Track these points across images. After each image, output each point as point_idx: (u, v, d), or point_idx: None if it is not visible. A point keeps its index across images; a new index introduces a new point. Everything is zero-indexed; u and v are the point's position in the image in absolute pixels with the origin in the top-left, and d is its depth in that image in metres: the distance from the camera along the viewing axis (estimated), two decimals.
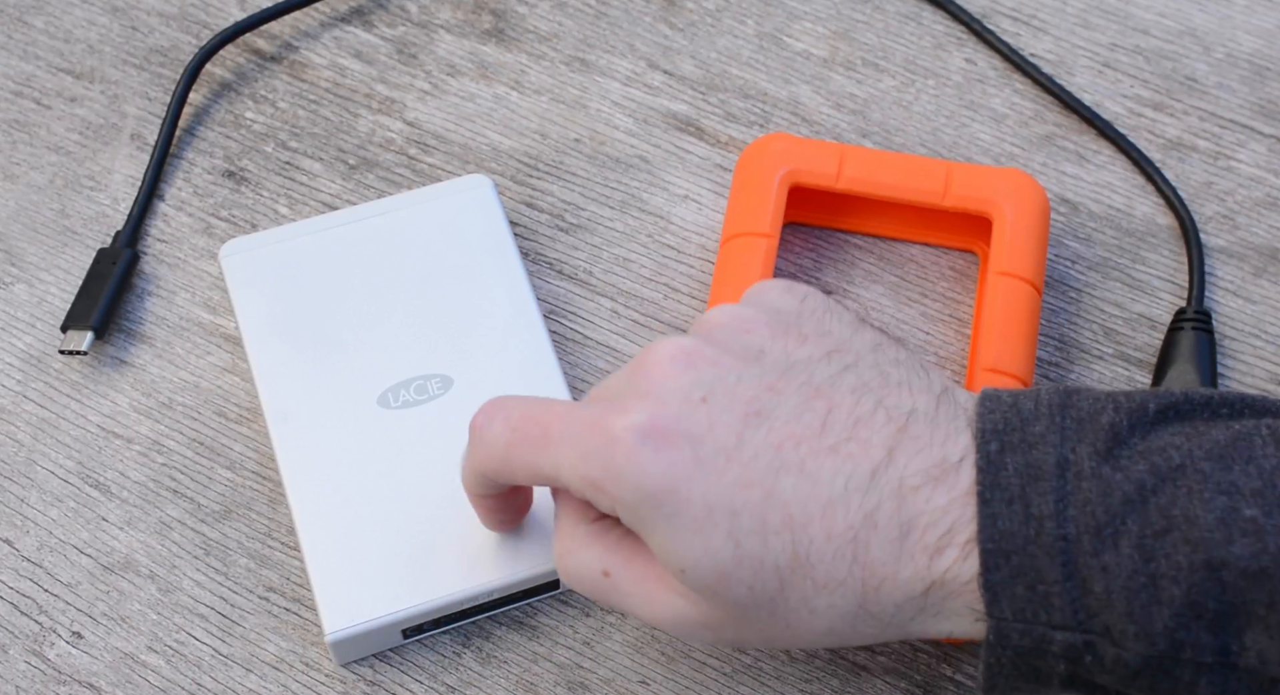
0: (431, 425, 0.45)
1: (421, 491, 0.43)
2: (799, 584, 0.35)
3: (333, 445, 0.44)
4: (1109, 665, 0.33)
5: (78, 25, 0.56)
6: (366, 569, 0.42)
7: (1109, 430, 0.34)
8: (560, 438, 0.36)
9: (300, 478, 0.44)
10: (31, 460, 0.47)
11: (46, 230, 0.52)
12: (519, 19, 0.56)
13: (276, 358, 0.46)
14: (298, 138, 0.53)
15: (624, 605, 0.37)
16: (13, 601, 0.45)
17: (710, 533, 0.35)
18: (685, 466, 0.35)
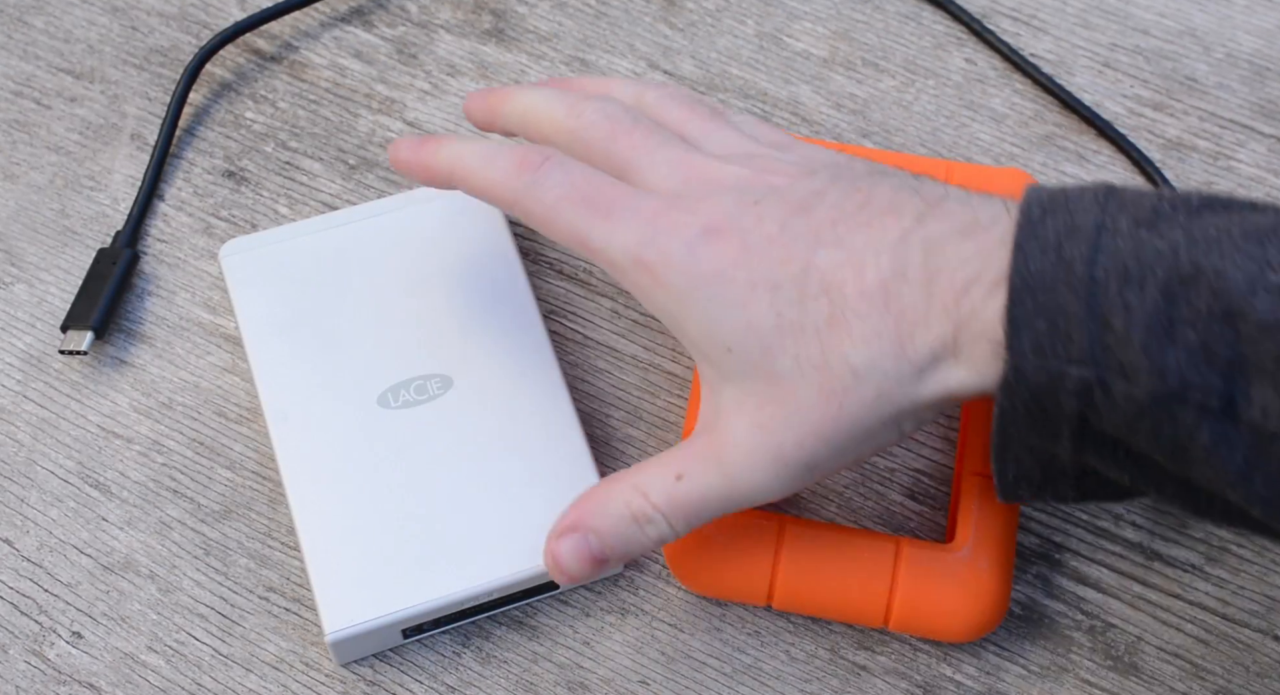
0: (431, 425, 0.44)
1: (421, 491, 0.43)
2: (838, 345, 0.37)
3: (332, 445, 0.44)
4: (1118, 402, 0.34)
5: (78, 25, 0.56)
6: (366, 568, 0.42)
7: (1151, 209, 0.35)
8: (622, 216, 0.39)
9: (300, 477, 0.44)
10: (31, 460, 0.47)
11: (46, 230, 0.52)
12: (519, 19, 0.56)
13: (276, 357, 0.46)
14: (298, 138, 0.53)
15: (715, 492, 0.39)
16: (13, 601, 0.45)
17: (753, 306, 0.37)
18: (734, 253, 0.38)
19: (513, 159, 0.41)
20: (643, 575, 0.45)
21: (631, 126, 0.41)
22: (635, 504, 0.39)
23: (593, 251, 0.39)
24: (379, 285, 0.47)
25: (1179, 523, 0.46)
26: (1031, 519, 0.46)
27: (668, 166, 0.40)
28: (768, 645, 0.44)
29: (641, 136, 0.41)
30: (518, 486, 0.43)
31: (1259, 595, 0.45)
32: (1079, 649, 0.44)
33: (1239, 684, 0.43)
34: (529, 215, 0.40)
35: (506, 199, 0.41)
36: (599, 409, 0.48)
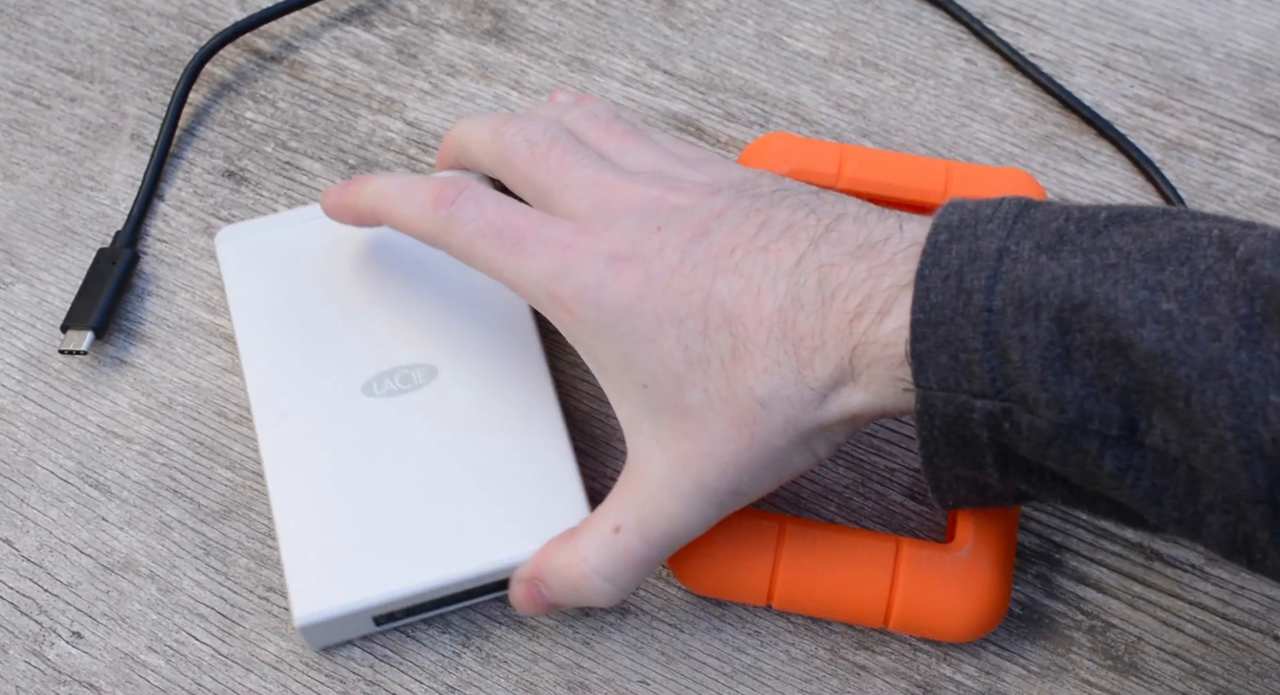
0: (413, 414, 0.44)
1: (400, 480, 0.43)
2: (743, 376, 0.37)
3: (314, 430, 0.44)
4: (1024, 433, 0.34)
5: (78, 25, 0.56)
6: (339, 555, 0.42)
7: (1056, 232, 0.35)
8: (533, 250, 0.40)
9: (279, 462, 0.44)
10: (31, 460, 0.47)
11: (46, 230, 0.52)
12: (519, 19, 0.56)
13: (264, 342, 0.46)
14: (298, 138, 0.53)
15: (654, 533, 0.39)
16: (13, 601, 0.45)
17: (661, 341, 0.38)
18: (639, 285, 0.38)
19: (428, 194, 0.42)
20: None
21: (548, 148, 0.42)
22: (575, 570, 0.40)
23: (509, 284, 0.40)
24: (370, 274, 0.47)
25: None
26: (1031, 519, 0.46)
27: (581, 188, 0.41)
28: (768, 645, 0.44)
29: (558, 157, 0.42)
30: (496, 478, 0.43)
31: (1259, 595, 0.45)
32: (1079, 649, 0.44)
33: (1239, 684, 0.43)
34: (448, 249, 0.41)
35: (427, 234, 0.42)
36: (598, 409, 0.48)
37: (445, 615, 0.44)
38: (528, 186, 0.42)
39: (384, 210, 0.43)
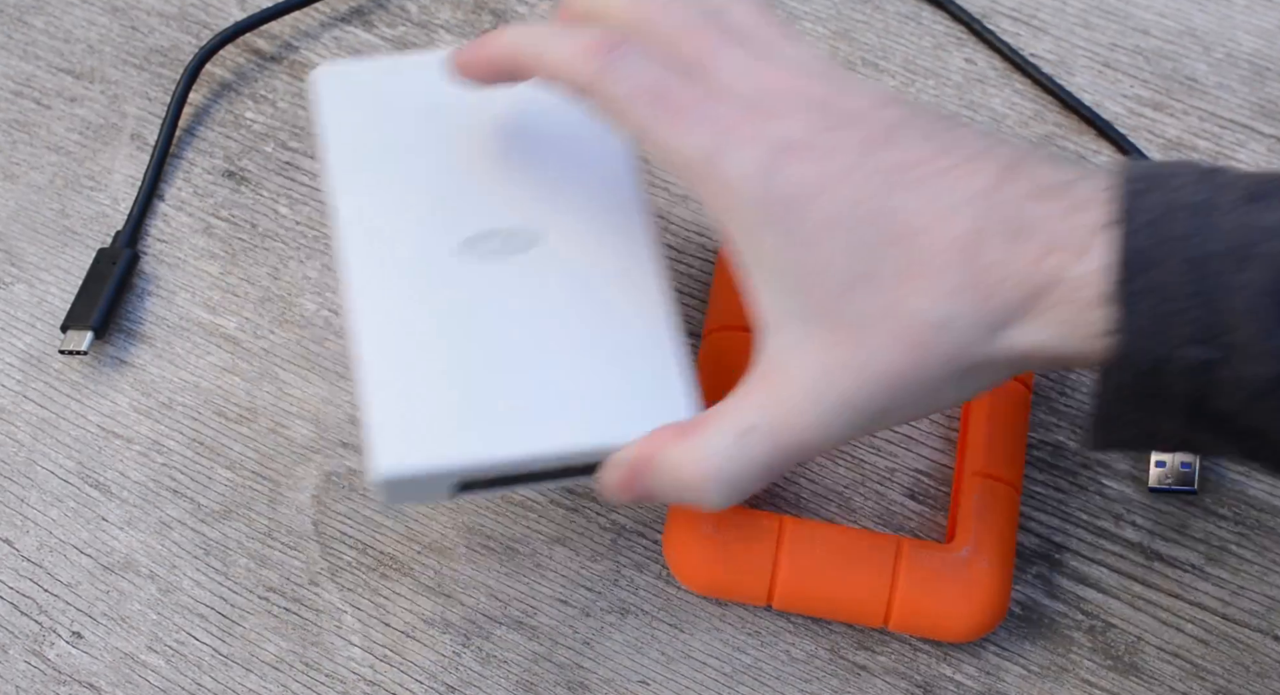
0: (512, 279, 0.42)
1: (494, 344, 0.41)
2: (914, 296, 0.35)
3: (407, 284, 0.41)
4: (1232, 385, 0.33)
5: (78, 25, 0.56)
6: (428, 414, 0.39)
7: (1254, 185, 0.34)
8: (697, 118, 0.37)
9: (368, 308, 0.41)
10: (31, 460, 0.47)
11: (46, 230, 0.52)
12: (519, 19, 0.56)
13: (359, 188, 0.43)
14: (298, 138, 0.53)
15: (786, 441, 0.37)
16: (13, 601, 0.45)
17: (827, 245, 0.35)
18: (809, 181, 0.36)
19: (583, 40, 0.38)
20: (642, 575, 0.45)
21: (703, 24, 0.39)
22: (690, 468, 0.37)
23: (663, 152, 0.37)
24: (477, 130, 0.44)
25: (1179, 523, 0.46)
26: (1031, 519, 0.46)
27: (741, 70, 0.38)
28: (768, 645, 0.44)
29: (715, 35, 0.38)
30: (598, 358, 0.40)
31: (1259, 595, 0.45)
32: (1079, 649, 0.44)
33: (1239, 684, 0.43)
34: (598, 104, 0.38)
35: (576, 82, 0.38)
36: None
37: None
38: (678, 59, 0.38)
39: (528, 56, 0.39)
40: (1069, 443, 0.47)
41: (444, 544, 0.46)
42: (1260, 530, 0.45)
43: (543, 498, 0.46)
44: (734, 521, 0.43)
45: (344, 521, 0.46)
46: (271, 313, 0.50)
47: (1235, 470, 0.46)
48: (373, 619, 0.45)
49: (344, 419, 0.48)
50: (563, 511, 0.46)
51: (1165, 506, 0.46)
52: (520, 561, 0.45)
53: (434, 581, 0.45)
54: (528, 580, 0.45)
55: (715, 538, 0.42)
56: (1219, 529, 0.46)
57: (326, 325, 0.50)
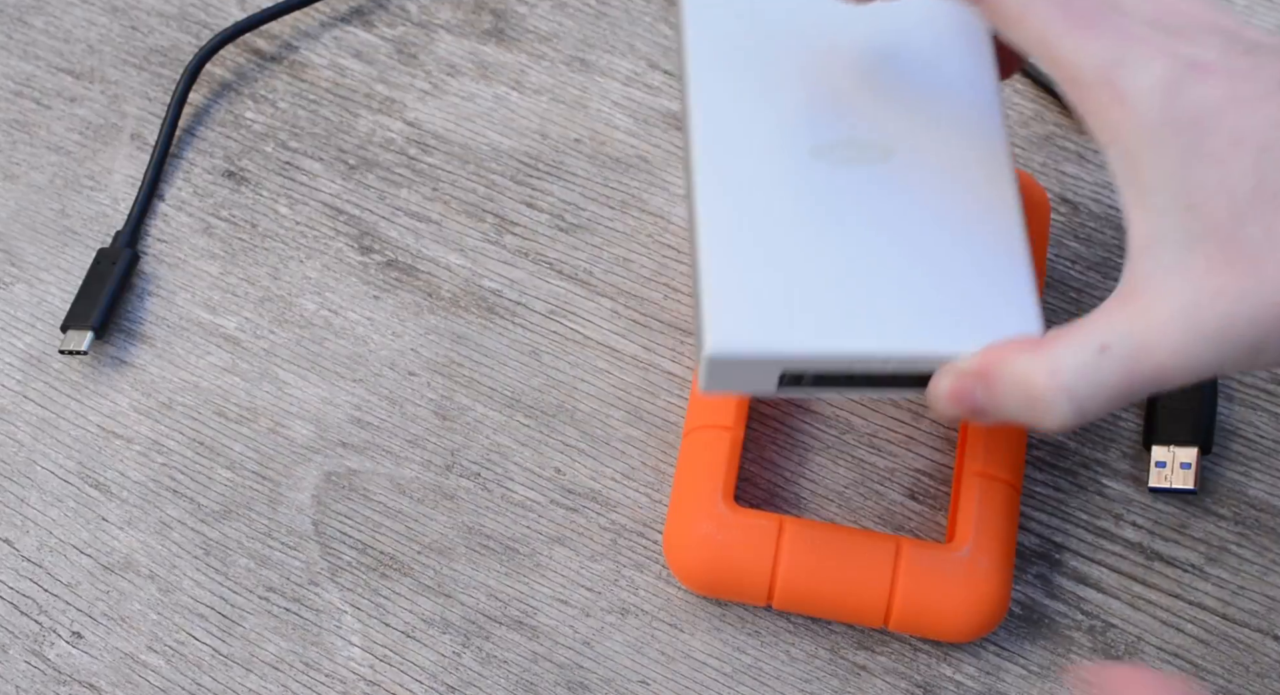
0: (860, 185, 0.41)
1: (837, 242, 0.40)
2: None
3: (756, 177, 0.41)
4: None
5: (78, 25, 0.56)
6: (764, 298, 0.38)
7: None
8: (1101, 27, 0.36)
9: (714, 195, 0.40)
10: (31, 460, 0.47)
11: (46, 230, 0.52)
12: (519, 19, 0.56)
13: (717, 80, 0.43)
14: (298, 138, 0.53)
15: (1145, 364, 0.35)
16: (13, 601, 0.45)
17: (1232, 163, 0.34)
18: (1221, 98, 0.34)
19: None
20: (642, 575, 0.45)
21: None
22: (1039, 381, 0.35)
23: (1056, 61, 0.36)
24: (841, 41, 0.43)
25: (1179, 523, 0.46)
26: (1031, 519, 0.46)
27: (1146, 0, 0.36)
28: (768, 645, 0.44)
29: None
30: (943, 267, 0.39)
31: (1259, 595, 0.45)
32: (1079, 649, 0.44)
33: (1239, 684, 0.43)
34: (995, 7, 0.37)
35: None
36: (599, 409, 0.48)
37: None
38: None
39: None
40: (1069, 443, 0.47)
41: (444, 544, 0.46)
42: (1260, 530, 0.45)
43: (543, 498, 0.46)
44: (733, 522, 0.43)
45: (344, 521, 0.46)
46: (271, 313, 0.50)
47: (1235, 470, 0.46)
48: (373, 619, 0.45)
49: (344, 419, 0.48)
50: (563, 511, 0.46)
51: (1165, 506, 0.46)
52: (520, 561, 0.45)
53: (434, 581, 0.45)
54: (528, 580, 0.45)
55: (715, 538, 0.42)
56: (1219, 529, 0.46)
57: (326, 325, 0.50)
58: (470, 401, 0.48)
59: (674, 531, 0.43)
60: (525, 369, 0.49)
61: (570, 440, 0.47)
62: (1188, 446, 0.45)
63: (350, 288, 0.50)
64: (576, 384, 0.48)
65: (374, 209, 0.52)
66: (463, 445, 0.47)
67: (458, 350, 0.49)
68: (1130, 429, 0.47)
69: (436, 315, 0.50)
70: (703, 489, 0.43)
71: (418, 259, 0.51)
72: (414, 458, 0.47)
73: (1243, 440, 0.47)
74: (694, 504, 0.43)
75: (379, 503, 0.46)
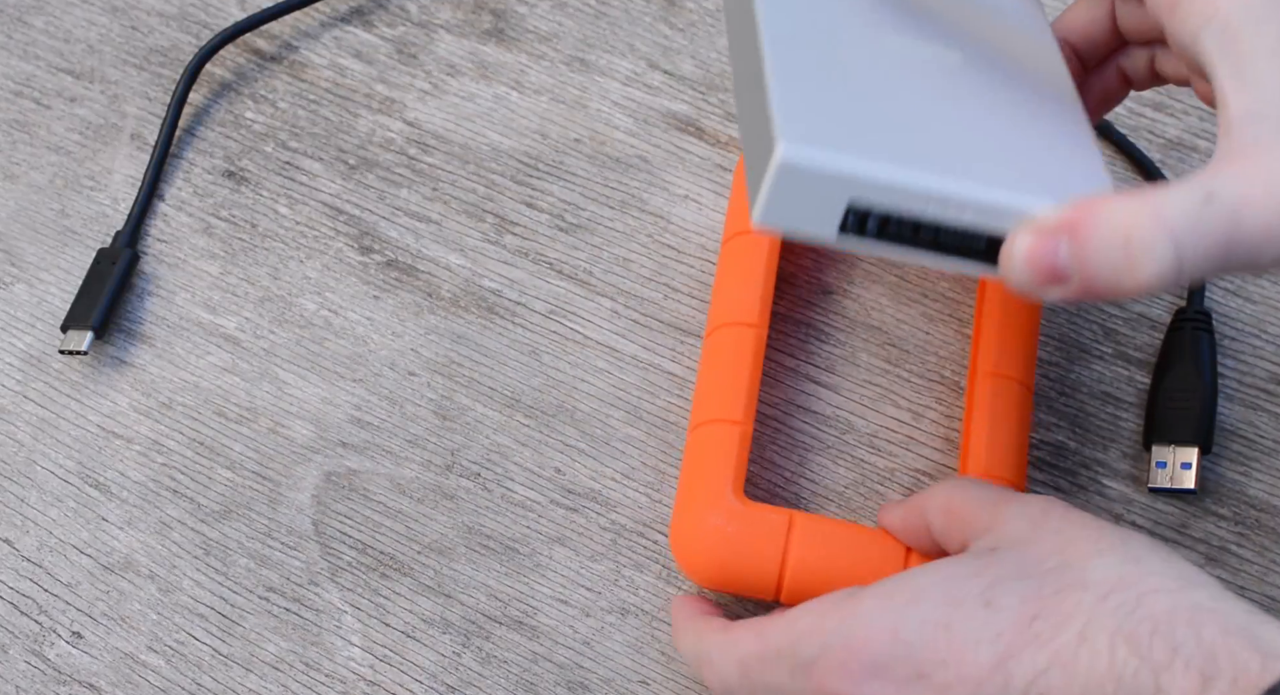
0: (932, 58, 0.39)
1: (912, 83, 0.38)
2: None
3: (831, 17, 0.39)
4: None
5: (78, 25, 0.56)
6: (838, 112, 0.36)
7: None
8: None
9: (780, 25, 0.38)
10: (31, 460, 0.47)
11: (46, 230, 0.52)
12: (519, 19, 0.56)
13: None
14: (298, 138, 0.53)
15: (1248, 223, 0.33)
16: (13, 601, 0.45)
17: None
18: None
19: None
20: (642, 575, 0.45)
21: None
22: (1143, 224, 0.33)
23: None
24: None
25: (1179, 523, 0.46)
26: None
27: None
28: None
29: None
30: (1012, 127, 0.37)
31: (1259, 595, 0.45)
32: None
33: None
34: None
35: None
36: (599, 409, 0.48)
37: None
38: None
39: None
40: (1069, 443, 0.47)
41: (444, 544, 0.46)
42: (1260, 530, 0.45)
43: (543, 497, 0.46)
44: (744, 515, 0.42)
45: (344, 521, 0.46)
46: (271, 313, 0.50)
47: (1235, 470, 0.46)
48: (373, 619, 0.45)
49: (344, 419, 0.48)
50: (563, 511, 0.46)
51: (1165, 506, 0.46)
52: (520, 561, 0.45)
53: (434, 581, 0.45)
54: (528, 580, 0.45)
55: (725, 530, 0.42)
56: (1219, 529, 0.46)
57: (326, 325, 0.50)
58: (470, 401, 0.48)
59: (681, 525, 0.43)
60: (525, 369, 0.49)
61: (570, 440, 0.47)
62: (1188, 446, 0.45)
63: (350, 288, 0.50)
64: (576, 384, 0.48)
65: (374, 209, 0.52)
66: (463, 445, 0.47)
67: (458, 350, 0.49)
68: (1130, 429, 0.47)
69: (436, 315, 0.50)
70: (712, 482, 0.43)
71: (418, 259, 0.51)
72: (414, 458, 0.47)
73: (1243, 440, 0.47)
74: (703, 497, 0.43)
75: (379, 503, 0.46)
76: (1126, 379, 0.48)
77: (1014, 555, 0.37)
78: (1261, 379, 0.48)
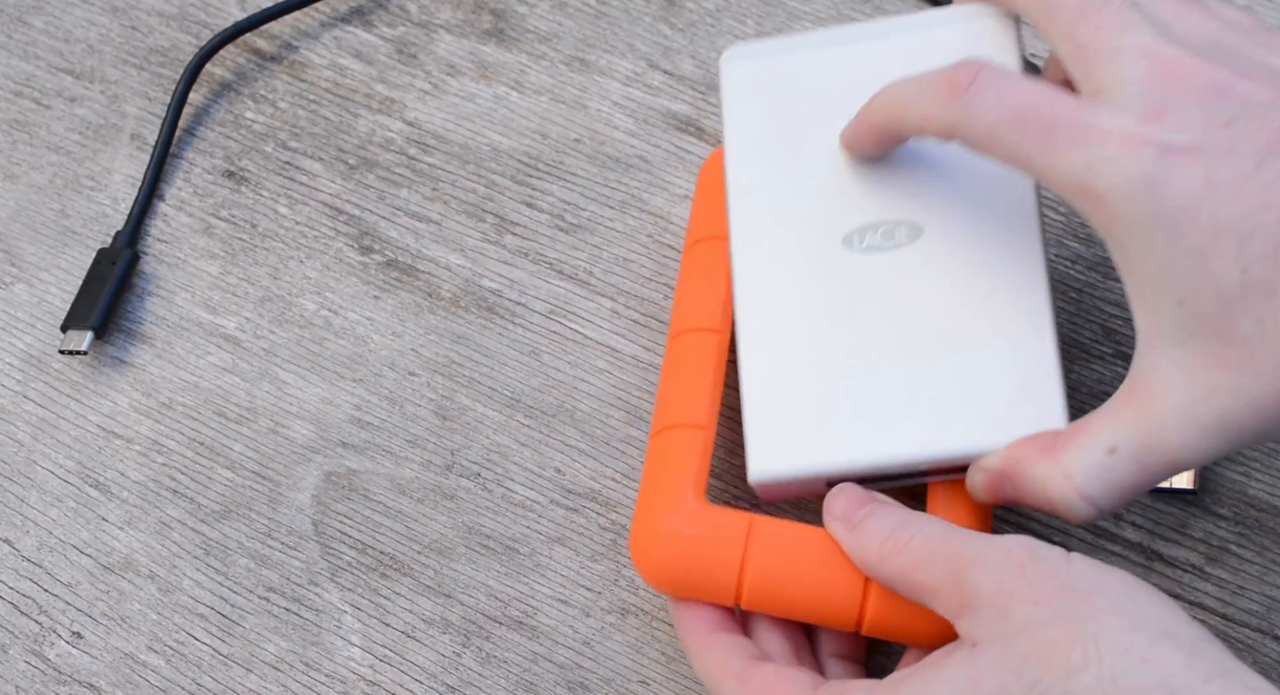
0: (890, 275, 0.41)
1: (870, 344, 0.41)
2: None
3: (791, 281, 0.42)
4: None
5: (78, 25, 0.56)
6: (802, 417, 0.41)
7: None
8: (1066, 138, 0.35)
9: (753, 314, 0.42)
10: (31, 460, 0.47)
11: (46, 230, 0.52)
12: (519, 19, 0.56)
13: (753, 177, 0.43)
14: (298, 138, 0.54)
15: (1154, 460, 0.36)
16: (13, 601, 0.45)
17: (1215, 257, 0.34)
18: (1197, 187, 0.34)
19: (940, 83, 0.37)
20: None
21: (1103, 3, 0.37)
22: (1055, 485, 0.36)
23: (1037, 177, 0.36)
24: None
25: (1179, 523, 0.46)
26: (1031, 519, 0.46)
27: (1133, 57, 0.36)
28: None
29: (1112, 15, 0.36)
30: (972, 359, 0.40)
31: (1259, 595, 0.45)
32: None
33: None
34: (966, 141, 0.37)
35: (942, 129, 0.38)
36: (599, 409, 0.48)
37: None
38: (1069, 43, 0.37)
39: (899, 119, 0.39)
40: None
41: (444, 544, 0.46)
42: (1260, 530, 0.46)
43: (543, 497, 0.46)
44: (703, 518, 0.41)
45: (344, 521, 0.46)
46: (271, 313, 0.50)
47: (1235, 470, 0.46)
48: (373, 619, 0.45)
49: (344, 419, 0.48)
50: (563, 511, 0.46)
51: (1165, 506, 0.46)
52: (520, 561, 0.45)
53: (434, 581, 0.45)
54: (528, 580, 0.45)
55: (682, 533, 0.41)
56: (1219, 529, 0.46)
57: (326, 325, 0.50)
58: (470, 401, 0.48)
59: (641, 530, 0.42)
60: (525, 369, 0.49)
61: (570, 440, 0.47)
62: None
63: (350, 288, 0.50)
64: (576, 384, 0.48)
65: (374, 209, 0.52)
66: (463, 445, 0.47)
67: (458, 350, 0.49)
68: None
69: (436, 315, 0.50)
70: (673, 487, 0.42)
71: (418, 259, 0.51)
72: (414, 458, 0.47)
73: None
74: (663, 501, 0.41)
75: (379, 503, 0.46)
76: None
77: (993, 661, 0.35)
78: None
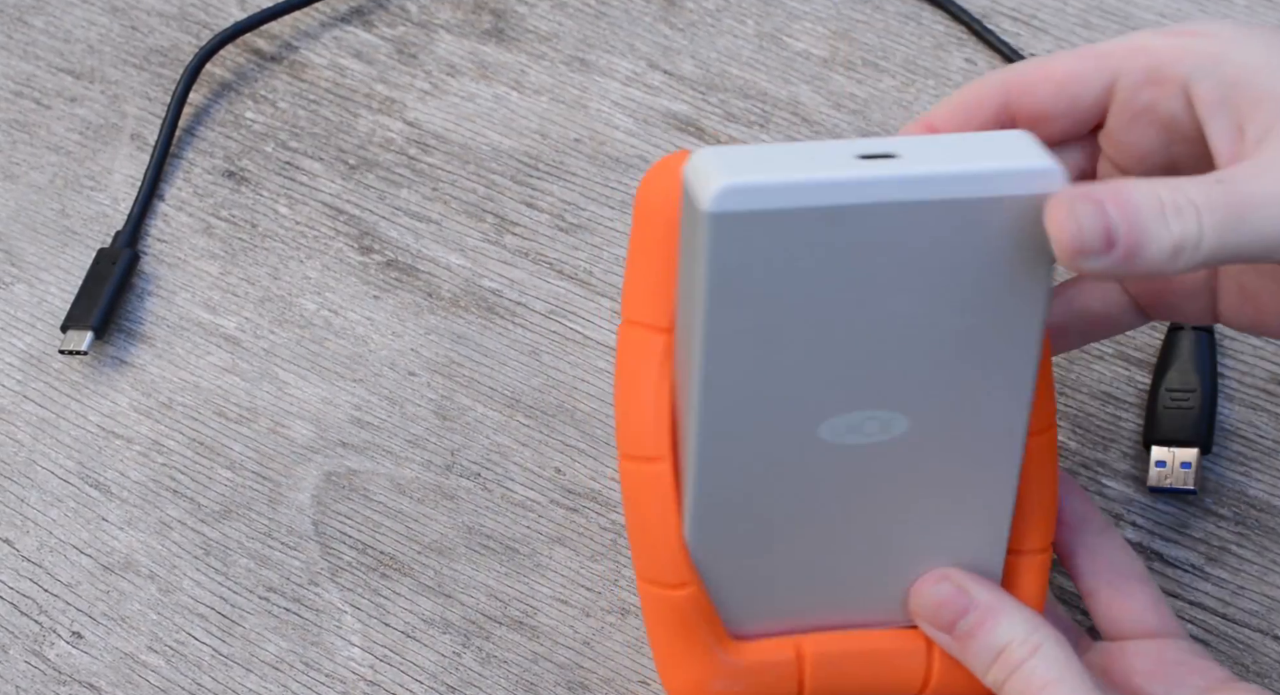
0: (862, 465, 0.38)
1: (823, 526, 0.39)
2: None
3: (756, 459, 0.38)
4: None
5: (78, 25, 0.56)
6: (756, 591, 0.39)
7: None
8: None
9: (714, 483, 0.38)
10: (31, 460, 0.47)
11: (46, 230, 0.52)
12: (519, 19, 0.56)
13: (731, 351, 0.36)
14: (298, 138, 0.54)
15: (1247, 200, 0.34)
16: (13, 601, 0.45)
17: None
18: None
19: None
20: None
21: None
22: (1166, 193, 0.33)
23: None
24: (868, 295, 0.36)
25: (1179, 522, 0.46)
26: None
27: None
28: None
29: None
30: (917, 547, 0.39)
31: (1259, 595, 0.45)
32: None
33: None
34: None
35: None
36: (599, 409, 0.48)
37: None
38: None
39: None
40: (1069, 443, 0.47)
41: (444, 544, 0.46)
42: (1260, 530, 0.46)
43: (543, 498, 0.46)
44: (747, 667, 0.39)
45: (344, 521, 0.46)
46: (271, 313, 0.50)
47: (1235, 470, 0.46)
48: (373, 619, 0.45)
49: (344, 419, 0.48)
50: (563, 511, 0.46)
51: (1165, 506, 0.46)
52: (520, 561, 0.45)
53: (434, 581, 0.45)
54: (528, 580, 0.45)
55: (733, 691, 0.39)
56: (1219, 529, 0.46)
57: (326, 325, 0.50)
58: (470, 401, 0.48)
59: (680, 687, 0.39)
60: (525, 369, 0.49)
61: (570, 440, 0.47)
62: (1188, 446, 0.45)
63: (350, 288, 0.50)
64: (576, 384, 0.48)
65: (374, 209, 0.52)
66: (463, 445, 0.47)
67: (458, 350, 0.49)
68: (1130, 429, 0.47)
69: (436, 315, 0.50)
70: (692, 637, 0.39)
71: (418, 259, 0.51)
72: (414, 458, 0.47)
73: (1243, 440, 0.47)
74: (689, 655, 0.39)
75: (379, 503, 0.46)
76: (1126, 379, 0.48)
77: None
78: (1261, 379, 0.48)
